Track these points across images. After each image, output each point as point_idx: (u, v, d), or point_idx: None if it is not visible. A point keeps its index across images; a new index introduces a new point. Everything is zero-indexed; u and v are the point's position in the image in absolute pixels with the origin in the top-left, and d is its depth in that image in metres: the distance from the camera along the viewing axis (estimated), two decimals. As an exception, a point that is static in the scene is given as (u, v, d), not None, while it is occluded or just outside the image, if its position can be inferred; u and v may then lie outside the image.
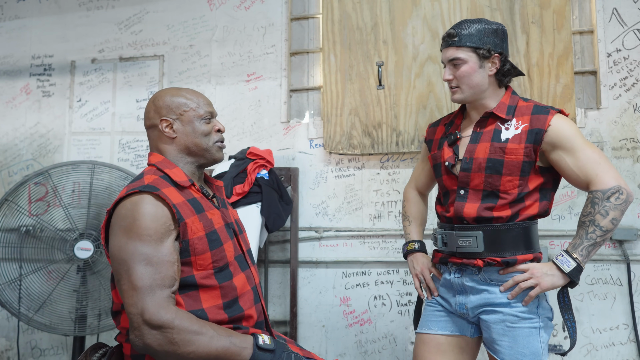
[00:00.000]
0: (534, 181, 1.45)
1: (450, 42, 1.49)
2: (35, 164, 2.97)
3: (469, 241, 1.46)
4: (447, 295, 1.57)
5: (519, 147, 1.42)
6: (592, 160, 1.39)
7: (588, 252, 1.37)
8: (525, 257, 1.44)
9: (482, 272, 1.47)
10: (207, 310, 1.20)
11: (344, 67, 2.61)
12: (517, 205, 1.44)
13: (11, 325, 2.86)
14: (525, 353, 1.40)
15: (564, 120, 1.43)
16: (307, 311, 2.60)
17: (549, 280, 1.38)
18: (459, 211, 1.49)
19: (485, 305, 1.47)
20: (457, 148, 1.55)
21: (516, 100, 1.51)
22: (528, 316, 1.42)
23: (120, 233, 1.14)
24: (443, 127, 1.67)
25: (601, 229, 1.36)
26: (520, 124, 1.45)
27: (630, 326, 2.30)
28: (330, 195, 2.62)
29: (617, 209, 1.35)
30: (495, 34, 1.47)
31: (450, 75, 1.50)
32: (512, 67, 1.52)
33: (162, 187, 1.20)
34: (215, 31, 2.84)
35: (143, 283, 1.09)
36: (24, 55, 3.06)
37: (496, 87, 1.52)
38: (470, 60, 1.46)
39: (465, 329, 1.55)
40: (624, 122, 2.37)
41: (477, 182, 1.47)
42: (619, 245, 2.32)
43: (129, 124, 2.90)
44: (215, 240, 1.24)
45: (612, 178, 1.37)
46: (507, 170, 1.43)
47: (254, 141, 2.73)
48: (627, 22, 2.39)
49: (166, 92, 1.36)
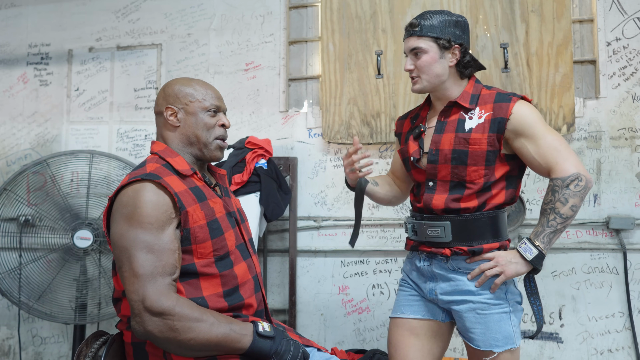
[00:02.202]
0: (499, 170, 1.47)
1: (412, 31, 1.50)
2: (33, 154, 2.96)
3: (437, 231, 1.49)
4: (419, 280, 1.59)
5: (482, 137, 1.44)
6: (552, 148, 1.40)
7: (549, 239, 1.40)
8: (491, 245, 1.47)
9: (450, 261, 1.50)
10: (207, 298, 1.21)
11: (342, 56, 2.60)
12: (484, 194, 1.46)
13: (12, 313, 2.87)
14: (498, 338, 1.44)
15: (526, 107, 1.44)
16: (306, 300, 2.61)
17: (513, 267, 1.41)
18: (427, 203, 1.51)
19: (454, 292, 1.50)
20: (422, 141, 1.56)
21: (479, 89, 1.52)
22: (497, 302, 1.46)
23: (121, 220, 1.15)
24: (409, 120, 1.67)
25: (561, 216, 1.38)
26: (483, 112, 1.46)
27: (625, 314, 2.33)
28: (329, 185, 2.62)
29: (576, 196, 1.37)
30: (457, 26, 1.49)
31: (411, 65, 1.51)
32: (472, 60, 1.52)
33: (164, 176, 1.21)
34: (214, 20, 2.82)
35: (144, 270, 1.10)
36: (21, 44, 3.04)
37: (457, 79, 1.53)
38: (431, 50, 1.47)
39: (437, 314, 1.57)
40: (623, 111, 2.37)
41: (444, 174, 1.48)
42: (615, 234, 2.34)
43: (127, 113, 2.89)
44: (217, 229, 1.25)
45: (572, 165, 1.38)
46: (471, 160, 1.44)
47: (253, 131, 2.72)
48: (628, 11, 2.39)
49: (178, 80, 1.37)
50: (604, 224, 2.35)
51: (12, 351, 2.88)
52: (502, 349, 1.43)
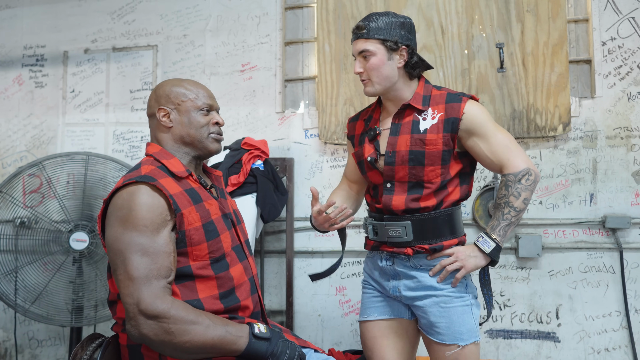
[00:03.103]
0: (454, 167, 1.50)
1: (359, 34, 1.51)
2: (29, 156, 2.95)
3: (399, 231, 1.51)
4: (381, 279, 1.60)
5: (437, 137, 1.46)
6: (503, 145, 1.46)
7: (505, 232, 1.45)
8: (450, 242, 1.51)
9: (411, 259, 1.53)
10: (203, 301, 1.20)
11: (338, 57, 2.60)
12: (440, 193, 1.50)
13: (8, 316, 2.86)
14: (462, 331, 1.47)
15: (476, 107, 1.48)
16: (303, 301, 2.61)
17: (473, 261, 1.46)
18: (387, 204, 1.53)
19: (417, 288, 1.52)
20: (378, 143, 1.57)
21: (430, 90, 1.54)
22: (459, 295, 1.50)
23: (116, 223, 1.15)
24: (362, 122, 1.67)
25: (515, 209, 1.44)
26: (436, 113, 1.49)
27: (622, 313, 2.33)
28: (326, 185, 2.62)
29: (527, 190, 1.44)
30: (402, 27, 1.49)
31: (360, 68, 1.51)
32: (420, 60, 1.53)
33: (159, 178, 1.20)
34: (209, 20, 2.82)
35: (139, 273, 1.10)
36: (16, 46, 3.03)
37: (407, 79, 1.53)
38: (379, 52, 1.47)
39: (403, 312, 1.59)
40: (618, 110, 2.38)
41: (402, 175, 1.50)
42: (612, 233, 2.35)
43: (123, 114, 2.88)
44: (212, 231, 1.24)
45: (522, 161, 1.45)
46: (428, 160, 1.47)
47: (249, 132, 2.72)
48: (622, 11, 2.39)
49: (169, 81, 1.37)
50: (600, 223, 2.35)
51: (8, 354, 2.87)
52: (467, 342, 1.47)
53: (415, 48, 1.52)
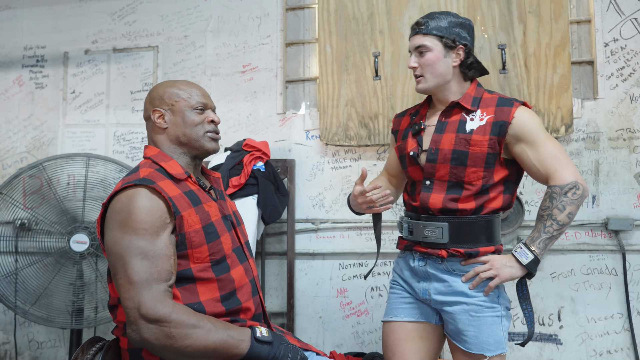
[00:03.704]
0: (498, 173, 1.47)
1: (417, 29, 1.51)
2: (29, 157, 2.94)
3: (435, 232, 1.49)
4: (411, 280, 1.59)
5: (483, 138, 1.44)
6: (552, 156, 1.42)
7: (545, 245, 1.41)
8: (487, 249, 1.48)
9: (445, 262, 1.50)
10: (204, 303, 1.19)
11: (340, 58, 2.59)
12: (481, 197, 1.47)
13: (8, 318, 2.85)
14: (489, 342, 1.44)
15: (527, 113, 1.45)
16: (304, 303, 2.60)
17: (508, 271, 1.42)
18: (424, 202, 1.51)
19: (448, 293, 1.49)
20: (421, 138, 1.56)
21: (481, 92, 1.53)
22: (490, 305, 1.46)
23: (115, 227, 1.14)
24: (409, 117, 1.67)
25: (558, 223, 1.40)
26: (484, 115, 1.47)
27: (624, 315, 2.32)
28: (327, 187, 2.61)
29: (573, 204, 1.40)
30: (462, 27, 1.50)
31: (415, 62, 1.51)
32: (476, 62, 1.52)
33: (157, 180, 1.19)
34: (210, 21, 2.81)
35: (139, 277, 1.09)
36: (16, 47, 3.02)
37: (460, 80, 1.53)
38: (436, 48, 1.47)
39: (430, 316, 1.57)
40: (621, 112, 2.37)
41: (443, 173, 1.48)
42: (614, 235, 2.33)
43: (124, 115, 2.88)
44: (212, 233, 1.23)
45: (570, 174, 1.40)
46: (471, 161, 1.45)
47: (250, 133, 2.71)
48: (625, 12, 2.38)
49: (162, 84, 1.36)
50: (603, 225, 2.34)
51: (8, 356, 2.86)
52: (493, 353, 1.44)
53: (472, 49, 1.51)
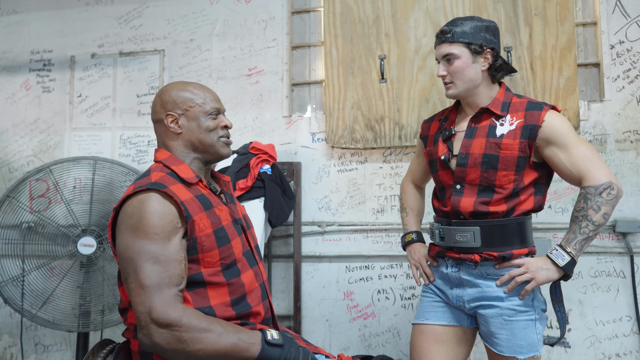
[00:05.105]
0: (528, 176, 1.48)
1: (443, 38, 1.51)
2: (36, 160, 2.95)
3: (467, 236, 1.48)
4: (444, 287, 1.59)
5: (514, 142, 1.45)
6: (584, 157, 1.42)
7: (581, 246, 1.40)
8: (520, 251, 1.48)
9: (478, 267, 1.50)
10: (214, 307, 1.19)
11: (345, 61, 2.59)
12: (512, 200, 1.47)
13: (14, 321, 2.86)
14: (522, 345, 1.44)
15: (557, 117, 1.46)
16: (311, 305, 2.60)
17: (544, 274, 1.42)
18: (455, 206, 1.51)
19: (482, 299, 1.49)
20: (452, 144, 1.57)
21: (510, 97, 1.53)
22: (524, 309, 1.46)
23: (127, 231, 1.14)
24: (437, 122, 1.68)
25: (594, 223, 1.40)
26: (514, 119, 1.47)
27: (633, 318, 2.31)
28: (333, 190, 2.61)
29: (608, 204, 1.39)
30: (487, 30, 1.50)
31: (444, 71, 1.52)
32: (504, 63, 1.53)
33: (169, 184, 1.19)
34: (216, 25, 2.82)
35: (150, 282, 1.09)
36: (23, 51, 3.03)
37: (489, 83, 1.54)
38: (463, 55, 1.48)
39: (462, 320, 1.57)
40: (628, 114, 2.36)
41: (473, 177, 1.49)
42: (622, 238, 2.32)
43: (130, 119, 2.88)
44: (223, 237, 1.24)
45: (604, 174, 1.40)
46: (502, 165, 1.45)
47: (256, 136, 2.72)
48: (631, 14, 2.38)
49: (173, 86, 1.34)
50: (611, 227, 2.33)
51: (14, 359, 2.87)
52: (526, 355, 1.44)
53: (499, 51, 1.52)
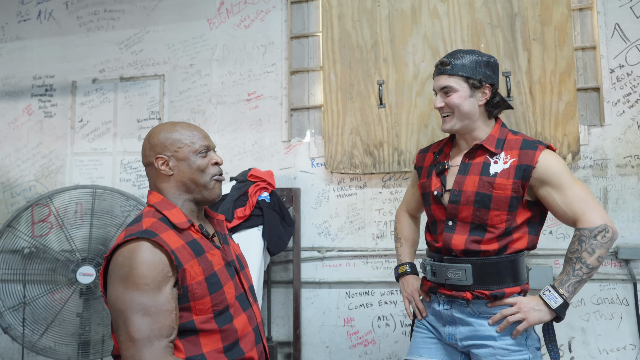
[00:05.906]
0: (521, 215, 1.46)
1: (442, 70, 1.50)
2: (37, 185, 2.97)
3: (458, 274, 1.47)
4: (437, 324, 1.57)
5: (507, 182, 1.43)
6: (579, 198, 1.40)
7: (574, 288, 1.39)
8: (512, 289, 1.46)
9: (470, 305, 1.48)
10: (207, 355, 1.18)
11: (344, 86, 2.59)
12: (504, 238, 1.45)
13: (15, 347, 2.86)
14: None
15: (552, 156, 1.44)
16: (311, 332, 2.58)
17: (536, 315, 1.40)
18: (447, 242, 1.50)
19: (475, 337, 1.47)
20: (445, 178, 1.55)
21: (505, 133, 1.52)
22: (517, 348, 1.44)
23: (117, 282, 1.13)
24: (432, 154, 1.67)
25: (587, 266, 1.38)
26: (509, 158, 1.46)
27: (637, 346, 2.27)
28: (333, 215, 2.60)
29: (603, 247, 1.37)
30: (488, 66, 1.49)
31: (441, 102, 1.51)
32: (501, 100, 1.52)
33: (160, 232, 1.19)
34: (216, 50, 2.83)
35: (140, 334, 1.08)
36: (25, 76, 3.07)
37: (486, 118, 1.52)
38: (462, 89, 1.47)
39: (455, 357, 1.55)
40: (628, 139, 2.34)
41: (465, 215, 1.47)
42: (625, 265, 2.30)
43: (131, 144, 2.90)
44: (215, 283, 1.23)
45: (599, 217, 1.39)
46: (495, 205, 1.44)
47: (255, 160, 2.72)
48: (630, 38, 2.37)
49: (161, 128, 1.34)
50: (613, 254, 2.31)
51: (16, 384, 2.87)
52: None
53: (497, 87, 1.52)
